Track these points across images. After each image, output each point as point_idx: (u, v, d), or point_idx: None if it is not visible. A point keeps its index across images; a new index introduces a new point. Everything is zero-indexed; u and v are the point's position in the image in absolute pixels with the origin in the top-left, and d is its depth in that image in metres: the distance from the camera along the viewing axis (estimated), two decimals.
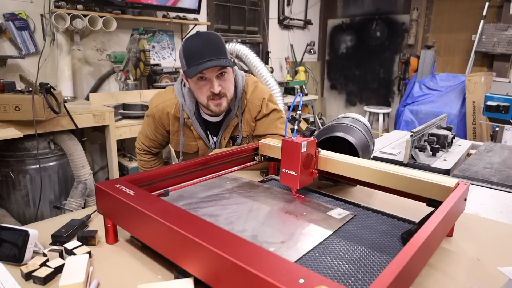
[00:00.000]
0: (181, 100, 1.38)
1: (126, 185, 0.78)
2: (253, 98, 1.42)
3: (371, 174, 0.92)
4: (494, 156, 1.62)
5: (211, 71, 1.23)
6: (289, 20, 4.98)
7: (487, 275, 0.72)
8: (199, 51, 1.21)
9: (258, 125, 1.45)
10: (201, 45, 1.22)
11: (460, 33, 4.49)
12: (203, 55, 1.20)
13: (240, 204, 0.94)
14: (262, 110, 1.42)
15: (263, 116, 1.43)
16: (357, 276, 0.65)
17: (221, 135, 1.44)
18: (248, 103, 1.42)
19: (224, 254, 0.52)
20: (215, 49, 1.22)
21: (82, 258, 0.70)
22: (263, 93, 1.44)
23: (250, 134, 1.47)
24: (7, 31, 2.65)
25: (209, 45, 1.22)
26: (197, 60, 1.20)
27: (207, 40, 1.23)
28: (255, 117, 1.43)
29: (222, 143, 1.46)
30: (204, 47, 1.21)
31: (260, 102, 1.42)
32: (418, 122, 4.11)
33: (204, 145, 1.46)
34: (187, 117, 1.40)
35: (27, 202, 2.30)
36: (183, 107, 1.38)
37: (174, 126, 1.44)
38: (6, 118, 2.04)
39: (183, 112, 1.39)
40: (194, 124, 1.40)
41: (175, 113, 1.40)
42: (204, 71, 1.22)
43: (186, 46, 1.24)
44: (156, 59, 3.57)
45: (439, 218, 0.66)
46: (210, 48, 1.22)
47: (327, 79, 5.88)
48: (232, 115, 1.41)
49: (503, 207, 1.11)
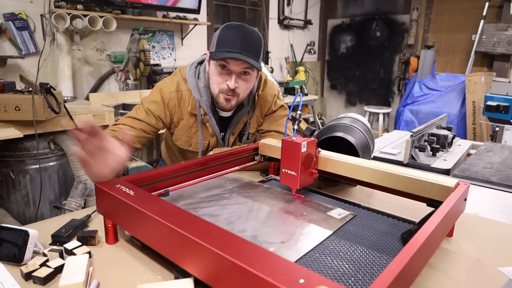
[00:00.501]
0: (198, 97, 1.31)
1: (126, 185, 0.78)
2: (265, 94, 1.41)
3: (371, 174, 0.92)
4: (494, 156, 1.62)
5: (237, 64, 1.18)
6: (289, 20, 4.98)
7: (487, 275, 0.72)
8: (236, 40, 1.16)
9: (264, 120, 1.45)
10: (241, 36, 1.16)
11: (460, 33, 4.49)
12: (237, 45, 1.15)
13: (240, 204, 0.94)
14: (272, 106, 1.42)
15: (271, 112, 1.44)
16: (357, 276, 0.65)
17: (230, 131, 1.41)
18: (260, 99, 1.40)
19: (224, 254, 0.52)
20: (252, 47, 1.18)
21: (82, 258, 0.70)
22: (273, 89, 1.44)
23: (256, 130, 1.47)
24: (7, 31, 2.65)
25: (248, 40, 1.17)
26: (229, 47, 1.15)
27: (248, 35, 1.18)
28: (265, 113, 1.43)
29: (230, 139, 1.42)
30: (243, 40, 1.16)
31: (272, 98, 1.42)
32: (418, 122, 4.11)
33: (216, 141, 1.41)
34: (203, 114, 1.34)
35: (27, 202, 2.30)
36: (200, 104, 1.32)
37: (188, 121, 1.35)
38: (6, 118, 2.04)
39: (200, 109, 1.32)
40: (211, 121, 1.35)
41: (192, 110, 1.33)
42: (230, 62, 1.18)
43: (226, 30, 1.19)
44: (156, 59, 3.57)
45: (439, 218, 0.66)
46: (248, 43, 1.17)
47: (327, 79, 5.88)
48: (245, 111, 1.38)
49: (503, 207, 1.11)
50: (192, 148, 1.40)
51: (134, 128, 1.27)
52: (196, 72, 1.34)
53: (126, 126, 1.26)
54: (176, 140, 1.41)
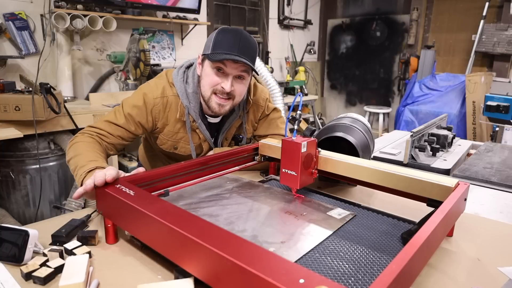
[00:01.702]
0: (186, 103, 1.27)
1: (126, 185, 0.78)
2: (258, 99, 1.39)
3: (371, 174, 0.92)
4: (494, 156, 1.62)
5: (233, 68, 1.18)
6: (289, 20, 4.98)
7: (487, 275, 0.72)
8: (234, 43, 1.16)
9: (259, 125, 1.44)
10: (239, 40, 1.16)
11: (460, 33, 4.49)
12: (235, 48, 1.15)
13: (240, 204, 0.94)
14: (265, 110, 1.41)
15: (265, 116, 1.42)
16: (357, 276, 0.65)
17: (223, 136, 1.38)
18: (253, 104, 1.38)
19: (224, 254, 0.52)
20: (248, 51, 1.18)
21: (82, 258, 0.70)
22: (264, 92, 1.43)
23: (252, 135, 1.46)
24: (7, 31, 2.65)
25: (244, 44, 1.17)
26: (227, 49, 1.15)
27: (245, 39, 1.18)
28: (259, 117, 1.42)
29: (224, 145, 1.40)
30: (240, 43, 1.16)
31: (264, 102, 1.41)
32: (418, 122, 4.11)
33: (208, 146, 1.38)
34: (192, 121, 1.30)
35: (27, 202, 2.30)
36: (189, 111, 1.28)
37: (174, 127, 1.31)
38: (6, 118, 2.05)
39: (189, 116, 1.29)
40: (200, 127, 1.31)
41: (180, 117, 1.28)
42: (227, 64, 1.17)
43: (223, 33, 1.19)
44: (156, 59, 3.57)
45: (439, 218, 0.66)
46: (244, 47, 1.17)
47: (327, 79, 5.88)
48: (236, 116, 1.35)
49: (503, 207, 1.11)
50: (178, 151, 1.36)
51: (111, 134, 1.20)
52: (185, 77, 1.29)
53: (103, 131, 1.20)
54: (161, 144, 1.35)
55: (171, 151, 1.36)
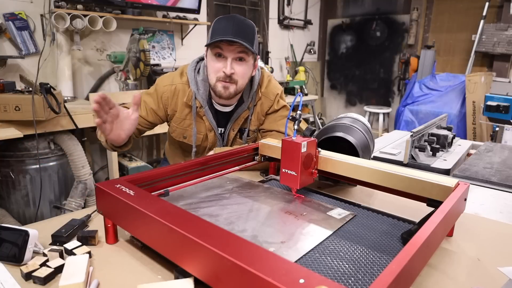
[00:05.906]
0: (194, 89, 1.34)
1: (126, 185, 0.78)
2: (268, 92, 1.42)
3: (371, 174, 0.92)
4: (494, 156, 1.62)
5: (230, 50, 1.21)
6: (289, 20, 4.98)
7: (487, 275, 0.72)
8: (228, 27, 1.19)
9: (265, 119, 1.46)
10: (232, 24, 1.20)
11: (460, 33, 4.49)
12: (228, 31, 1.18)
13: (240, 204, 0.94)
14: (274, 105, 1.43)
15: (273, 112, 1.44)
16: (357, 276, 0.65)
17: (230, 127, 1.41)
18: (262, 96, 1.42)
19: (224, 254, 0.52)
20: (244, 33, 1.20)
21: (82, 258, 0.70)
22: (276, 88, 1.45)
23: (257, 128, 1.47)
24: (7, 31, 2.64)
25: (239, 27, 1.20)
26: (222, 34, 1.18)
27: (240, 22, 1.22)
28: (266, 111, 1.44)
29: (230, 135, 1.43)
30: (234, 27, 1.19)
31: (274, 97, 1.43)
32: (418, 122, 4.11)
33: (214, 136, 1.41)
34: (199, 106, 1.36)
35: (27, 202, 2.30)
36: (196, 96, 1.34)
37: (181, 113, 1.38)
38: (6, 118, 2.05)
39: (196, 101, 1.35)
40: (207, 114, 1.36)
41: (187, 101, 1.35)
42: (224, 48, 1.20)
43: (219, 21, 1.23)
44: (156, 59, 3.57)
45: (439, 218, 0.66)
46: (240, 30, 1.20)
47: (327, 79, 5.88)
48: (245, 107, 1.39)
49: (503, 207, 1.11)
50: (187, 141, 1.43)
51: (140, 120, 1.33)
52: (197, 67, 1.38)
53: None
54: (171, 132, 1.45)
55: (181, 140, 1.44)
